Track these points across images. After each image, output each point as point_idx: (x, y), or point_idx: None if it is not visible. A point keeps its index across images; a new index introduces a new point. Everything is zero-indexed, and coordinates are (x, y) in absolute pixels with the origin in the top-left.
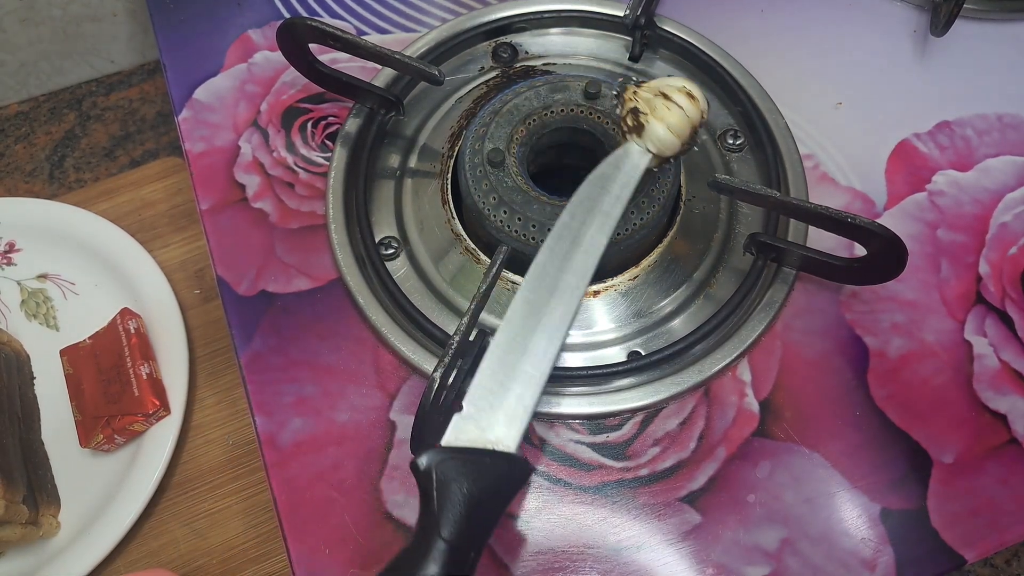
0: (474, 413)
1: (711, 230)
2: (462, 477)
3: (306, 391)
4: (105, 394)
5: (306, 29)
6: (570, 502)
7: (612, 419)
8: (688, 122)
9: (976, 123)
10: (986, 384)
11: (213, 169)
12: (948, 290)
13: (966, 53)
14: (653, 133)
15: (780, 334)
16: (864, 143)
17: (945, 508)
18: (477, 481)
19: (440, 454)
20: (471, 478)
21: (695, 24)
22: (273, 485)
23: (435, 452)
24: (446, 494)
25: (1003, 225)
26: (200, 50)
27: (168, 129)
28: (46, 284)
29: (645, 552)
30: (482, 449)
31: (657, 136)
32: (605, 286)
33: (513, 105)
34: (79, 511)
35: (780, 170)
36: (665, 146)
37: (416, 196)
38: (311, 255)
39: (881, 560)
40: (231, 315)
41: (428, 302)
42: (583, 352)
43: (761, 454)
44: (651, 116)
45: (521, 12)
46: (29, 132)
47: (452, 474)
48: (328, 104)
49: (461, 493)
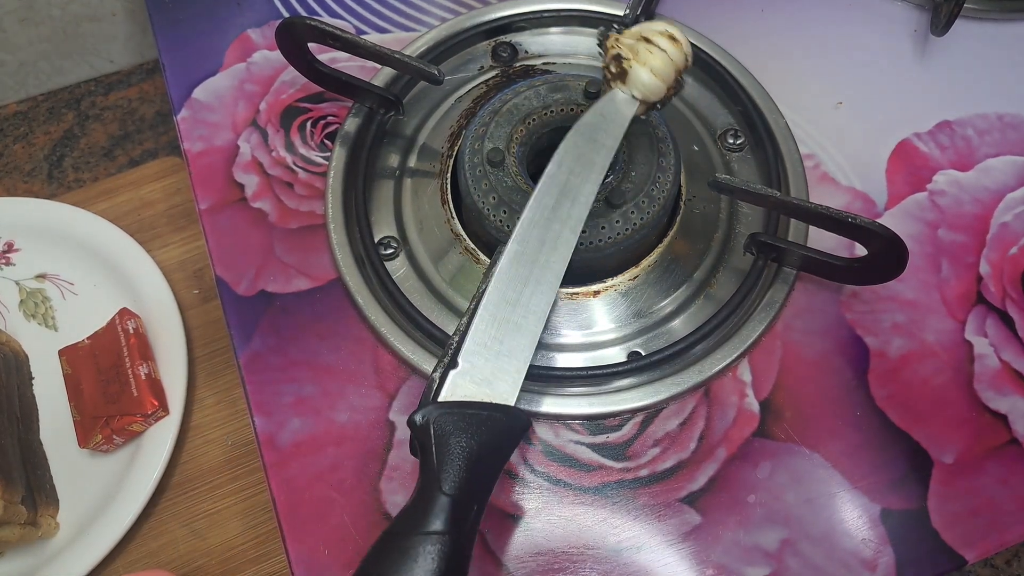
0: (469, 368)
1: (711, 230)
2: (460, 431)
3: (305, 391)
4: (104, 394)
5: (305, 28)
6: (570, 503)
7: (612, 419)
8: (672, 65)
9: (977, 123)
10: (986, 384)
11: (212, 169)
12: (949, 290)
13: (966, 53)
14: (637, 78)
15: (780, 334)
16: (864, 143)
17: (945, 508)
18: (476, 435)
19: (437, 409)
20: (470, 432)
21: (695, 24)
22: (272, 485)
23: (432, 407)
24: (445, 448)
25: (1004, 225)
26: (199, 50)
27: (167, 129)
28: (45, 284)
29: (645, 553)
30: (480, 403)
31: (641, 81)
32: (605, 286)
33: (513, 105)
34: (78, 511)
35: (780, 170)
36: (650, 91)
37: (416, 196)
38: (310, 255)
39: (881, 560)
40: (230, 315)
41: (428, 302)
42: (583, 352)
43: (761, 454)
44: (634, 61)
45: (521, 11)
46: (28, 132)
47: (450, 428)
48: (327, 103)
49: (460, 447)
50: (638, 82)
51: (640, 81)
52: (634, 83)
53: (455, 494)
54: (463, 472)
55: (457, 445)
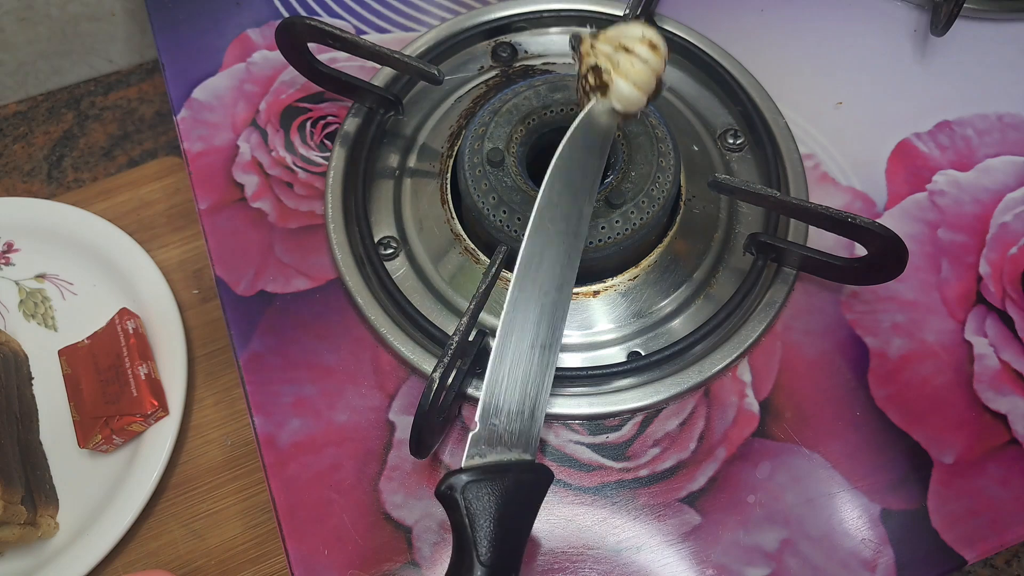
0: (485, 431)
1: (711, 230)
2: (489, 497)
3: (305, 391)
4: (103, 394)
5: (305, 28)
6: (570, 503)
7: (612, 419)
8: (654, 74)
9: (976, 123)
10: (986, 384)
11: (212, 169)
12: (948, 290)
13: (966, 53)
14: (619, 92)
15: (780, 334)
16: (864, 143)
17: (945, 508)
18: (504, 497)
19: (464, 477)
20: (498, 495)
21: (695, 23)
22: (272, 486)
23: (458, 476)
24: (477, 517)
25: (1003, 225)
26: (199, 49)
27: (167, 129)
28: (44, 284)
29: (645, 553)
30: (503, 463)
31: (624, 95)
32: (605, 286)
33: (513, 104)
34: (77, 512)
35: (780, 170)
36: (632, 104)
37: (415, 196)
38: (310, 255)
39: (881, 561)
40: (230, 315)
41: (427, 302)
42: (583, 352)
43: (761, 454)
44: (615, 73)
45: (521, 11)
46: (27, 132)
47: (480, 495)
48: (327, 103)
49: (492, 514)
50: (621, 96)
51: (623, 95)
52: (616, 96)
53: (493, 562)
54: (499, 539)
55: (489, 512)
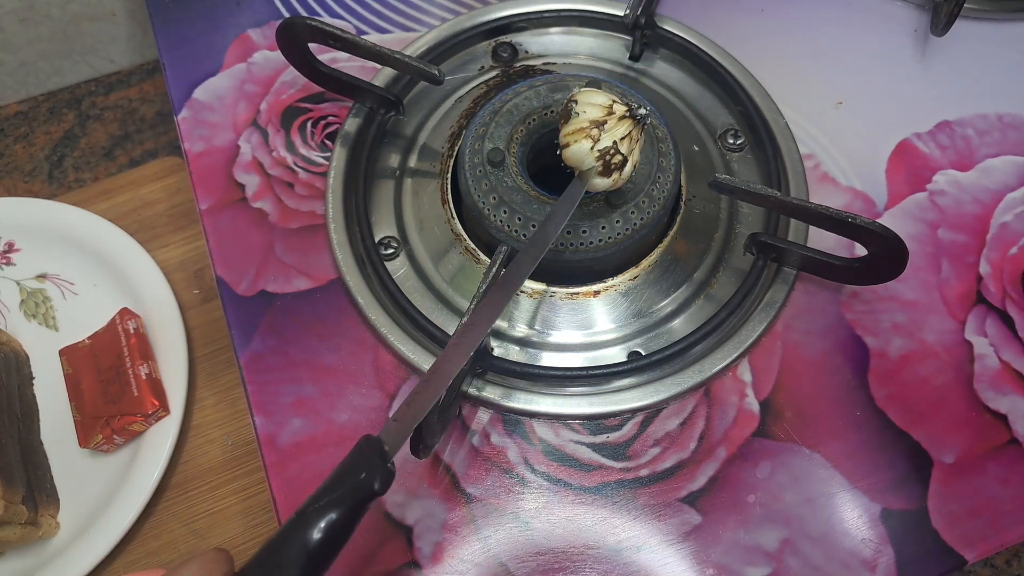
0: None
1: (711, 230)
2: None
3: (306, 391)
4: (104, 394)
5: (305, 28)
6: (570, 503)
7: (612, 419)
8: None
9: (976, 123)
10: (987, 384)
11: (212, 169)
12: (949, 290)
13: (966, 53)
14: (628, 174)
15: (780, 334)
16: (864, 143)
17: (946, 508)
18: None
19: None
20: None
21: (695, 24)
22: (273, 486)
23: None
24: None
25: (1004, 225)
26: (199, 50)
27: (167, 129)
28: (45, 284)
29: (645, 553)
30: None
31: (628, 175)
32: (605, 286)
33: (513, 105)
34: (78, 511)
35: (780, 170)
36: (625, 180)
37: (416, 196)
38: (310, 255)
39: (881, 560)
40: (230, 315)
41: (428, 302)
42: (583, 352)
43: (761, 454)
44: (630, 159)
45: (521, 11)
46: (28, 132)
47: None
48: (328, 104)
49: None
50: (627, 176)
51: (628, 175)
52: (624, 176)
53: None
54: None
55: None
